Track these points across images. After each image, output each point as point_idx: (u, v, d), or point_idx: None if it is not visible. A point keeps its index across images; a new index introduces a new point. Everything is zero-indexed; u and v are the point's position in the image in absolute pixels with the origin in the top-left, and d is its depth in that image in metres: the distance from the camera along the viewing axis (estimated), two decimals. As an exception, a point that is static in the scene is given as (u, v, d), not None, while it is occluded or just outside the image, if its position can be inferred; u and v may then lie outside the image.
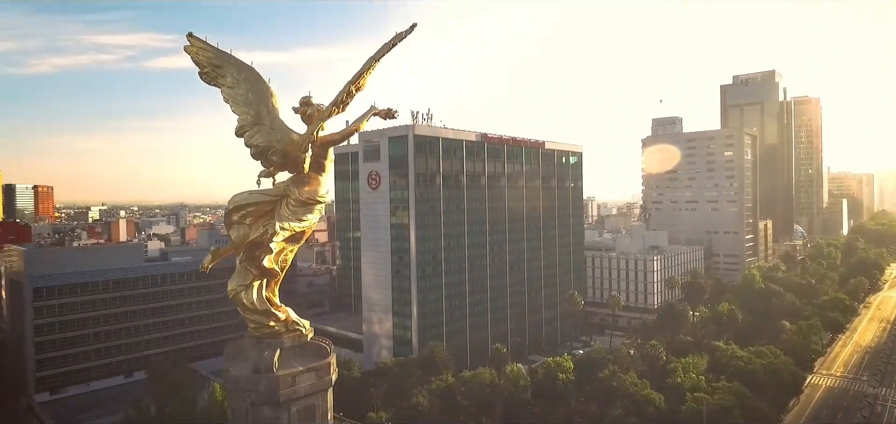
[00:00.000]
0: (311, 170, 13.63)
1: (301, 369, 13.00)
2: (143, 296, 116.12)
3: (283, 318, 13.38)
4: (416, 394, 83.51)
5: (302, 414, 13.10)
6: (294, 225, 13.22)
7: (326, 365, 13.43)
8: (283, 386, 12.59)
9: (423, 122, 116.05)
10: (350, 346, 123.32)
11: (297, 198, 13.39)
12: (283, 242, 13.51)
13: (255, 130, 13.18)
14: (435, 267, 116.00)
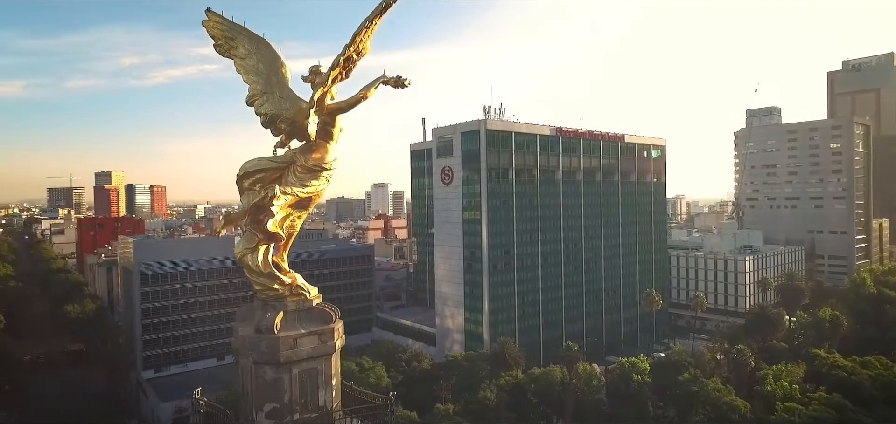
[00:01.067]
0: (318, 138, 13.89)
1: (303, 332, 13.26)
2: (235, 285, 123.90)
3: (289, 282, 13.74)
4: (484, 389, 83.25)
5: (303, 377, 13.38)
6: (297, 191, 13.53)
7: (330, 330, 13.61)
8: (283, 348, 12.91)
9: (496, 117, 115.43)
10: (424, 339, 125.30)
11: (303, 165, 13.70)
12: (289, 208, 13.85)
13: (264, 99, 13.63)
14: (507, 262, 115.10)
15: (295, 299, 13.89)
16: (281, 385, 13.33)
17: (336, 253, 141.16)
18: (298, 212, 14.38)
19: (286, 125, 13.68)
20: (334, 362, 14.20)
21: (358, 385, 66.61)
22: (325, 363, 13.91)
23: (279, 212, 13.67)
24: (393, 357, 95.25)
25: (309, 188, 13.93)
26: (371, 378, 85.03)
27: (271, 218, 13.25)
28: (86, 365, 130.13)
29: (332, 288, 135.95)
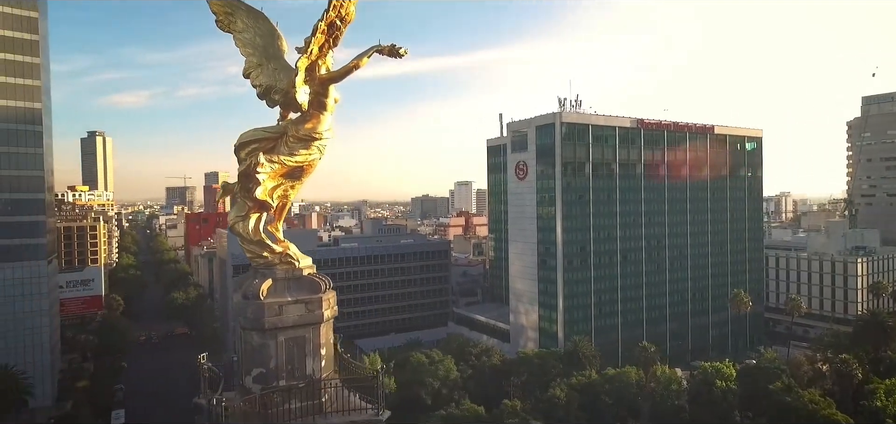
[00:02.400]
0: (312, 109, 14.14)
1: (290, 300, 13.54)
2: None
3: (279, 251, 14.07)
4: (555, 387, 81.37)
5: (290, 344, 13.65)
6: (285, 159, 13.83)
7: (318, 300, 13.79)
8: (268, 314, 13.24)
9: (572, 110, 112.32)
10: (498, 336, 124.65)
11: (294, 135, 14.00)
12: (280, 177, 14.19)
13: (259, 71, 14.05)
14: (583, 259, 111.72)
15: (284, 267, 14.21)
16: (267, 351, 13.70)
17: (413, 248, 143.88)
18: (291, 182, 14.68)
19: (279, 96, 14.01)
20: (324, 331, 14.37)
21: (426, 376, 67.07)
22: (314, 332, 14.11)
23: (269, 181, 14.02)
24: (463, 352, 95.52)
25: (297, 157, 14.18)
26: (440, 371, 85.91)
27: (259, 186, 13.62)
28: (189, 347, 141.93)
29: (408, 282, 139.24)
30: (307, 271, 14.60)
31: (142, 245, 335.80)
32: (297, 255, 14.70)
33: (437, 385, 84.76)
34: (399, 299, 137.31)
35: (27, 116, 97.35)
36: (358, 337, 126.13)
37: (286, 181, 14.56)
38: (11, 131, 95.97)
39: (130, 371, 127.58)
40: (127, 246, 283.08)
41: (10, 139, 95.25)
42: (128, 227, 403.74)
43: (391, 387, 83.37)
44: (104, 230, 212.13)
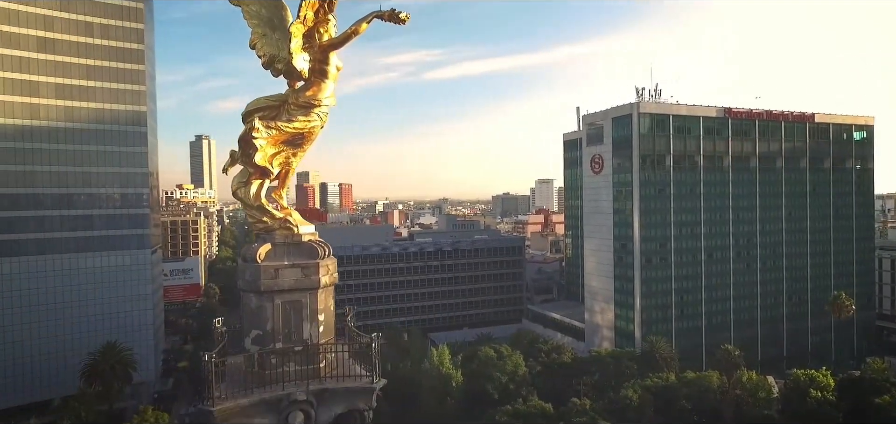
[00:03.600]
0: (313, 76, 14.41)
1: (287, 264, 13.84)
2: (388, 271, 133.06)
3: (280, 216, 14.43)
4: (628, 388, 78.06)
5: (287, 308, 13.95)
6: (282, 125, 14.14)
7: (315, 265, 14.01)
8: (264, 277, 13.61)
9: (651, 99, 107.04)
10: (573, 334, 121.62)
11: (294, 102, 14.31)
12: (281, 144, 14.51)
13: (263, 41, 14.46)
14: (663, 256, 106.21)
15: (283, 232, 14.53)
16: (264, 313, 14.08)
17: (486, 244, 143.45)
18: (292, 149, 14.98)
19: (282, 65, 14.34)
20: (321, 297, 14.56)
21: (494, 371, 66.62)
22: (311, 297, 14.33)
23: (269, 147, 14.38)
24: (533, 348, 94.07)
25: (296, 123, 14.43)
26: (508, 366, 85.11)
27: (257, 152, 14.01)
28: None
29: (481, 278, 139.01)
30: (307, 238, 14.84)
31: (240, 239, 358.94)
32: (299, 222, 14.98)
33: (505, 380, 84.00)
34: (472, 294, 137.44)
35: (133, 119, 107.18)
36: (431, 330, 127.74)
37: (287, 148, 14.86)
38: (120, 132, 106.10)
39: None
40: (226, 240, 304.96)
41: (119, 139, 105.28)
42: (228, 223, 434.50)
43: (458, 379, 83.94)
44: (204, 224, 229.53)
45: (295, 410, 13.45)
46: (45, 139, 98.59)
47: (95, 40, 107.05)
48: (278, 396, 13.55)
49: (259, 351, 14.15)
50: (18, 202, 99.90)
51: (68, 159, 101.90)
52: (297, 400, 13.54)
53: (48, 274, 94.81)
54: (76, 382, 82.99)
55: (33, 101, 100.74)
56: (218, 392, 13.25)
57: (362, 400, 14.25)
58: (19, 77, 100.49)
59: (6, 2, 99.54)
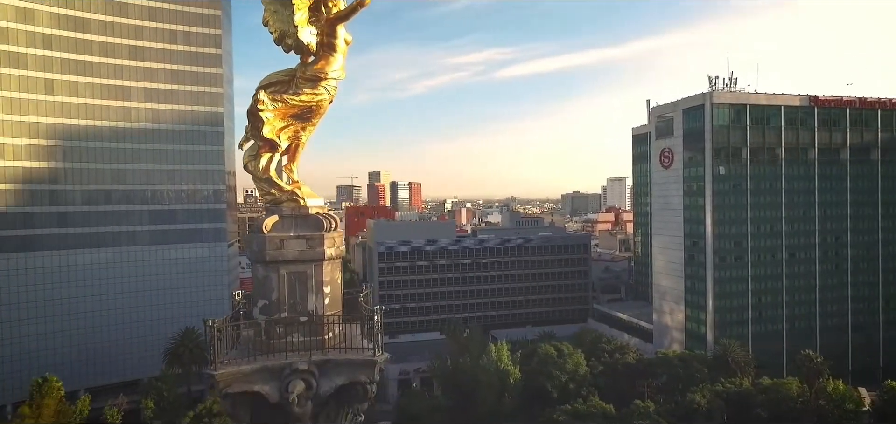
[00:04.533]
0: (322, 50, 14.60)
1: (292, 235, 14.09)
2: (456, 266, 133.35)
3: (287, 189, 14.71)
4: (696, 392, 74.12)
5: (292, 278, 14.17)
6: (288, 98, 14.38)
7: (319, 237, 14.16)
8: (270, 247, 13.90)
9: (725, 89, 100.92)
10: (640, 335, 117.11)
11: (302, 75, 14.54)
12: (289, 118, 14.75)
13: (275, 18, 14.78)
14: (738, 256, 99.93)
15: (290, 205, 14.77)
16: (270, 283, 14.36)
17: (550, 241, 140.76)
18: (301, 123, 15.19)
19: (292, 40, 14.59)
20: (327, 269, 14.68)
21: (554, 369, 65.64)
22: (316, 268, 14.48)
23: (277, 121, 14.68)
24: (596, 348, 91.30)
25: (302, 96, 14.62)
26: (568, 364, 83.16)
27: (263, 125, 14.34)
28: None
29: (545, 276, 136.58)
30: (314, 210, 15.00)
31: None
32: (307, 195, 15.18)
33: (565, 378, 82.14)
34: (535, 292, 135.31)
35: (212, 119, 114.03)
36: (494, 327, 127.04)
37: (296, 122, 15.09)
38: (199, 132, 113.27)
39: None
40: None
41: (199, 139, 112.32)
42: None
43: (516, 376, 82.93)
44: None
45: (296, 379, 13.62)
46: (135, 139, 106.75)
47: (178, 47, 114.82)
48: (281, 364, 13.78)
49: (266, 320, 14.46)
50: (111, 197, 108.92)
51: (154, 158, 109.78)
52: (299, 370, 13.70)
53: (136, 263, 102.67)
54: (160, 365, 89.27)
55: (125, 105, 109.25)
56: (223, 357, 13.70)
57: (364, 373, 14.23)
58: (114, 82, 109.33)
59: (105, 15, 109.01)
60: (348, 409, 15.09)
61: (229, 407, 13.88)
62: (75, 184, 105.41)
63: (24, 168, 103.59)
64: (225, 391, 13.40)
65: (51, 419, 73.34)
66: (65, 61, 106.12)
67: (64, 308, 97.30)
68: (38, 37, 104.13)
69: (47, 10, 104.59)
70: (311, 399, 13.82)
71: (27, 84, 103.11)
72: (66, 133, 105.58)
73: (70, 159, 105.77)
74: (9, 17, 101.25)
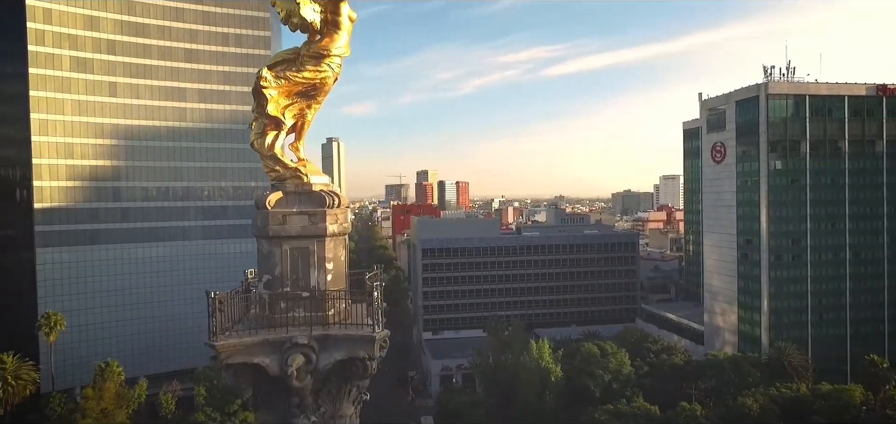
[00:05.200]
0: (326, 27, 14.73)
1: (294, 211, 14.30)
2: (493, 264, 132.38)
3: (292, 166, 14.93)
4: (747, 396, 70.82)
5: (295, 254, 14.35)
6: (291, 75, 14.54)
7: (322, 213, 14.29)
8: (273, 223, 14.13)
9: (781, 79, 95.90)
10: (691, 336, 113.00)
11: (306, 52, 14.69)
12: (294, 96, 14.93)
13: (284, 2, 15.12)
14: (797, 254, 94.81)
15: (294, 181, 14.95)
16: (273, 259, 14.59)
17: (596, 239, 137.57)
18: (306, 101, 15.33)
19: (297, 19, 14.79)
20: (330, 246, 14.78)
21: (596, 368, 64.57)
22: (318, 244, 14.60)
23: (281, 98, 14.89)
24: (641, 347, 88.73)
25: (305, 73, 14.75)
26: (611, 363, 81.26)
27: (267, 102, 14.58)
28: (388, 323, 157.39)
29: (590, 274, 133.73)
30: (318, 187, 15.12)
31: (362, 234, 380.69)
32: (312, 172, 15.34)
33: (608, 378, 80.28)
34: (580, 291, 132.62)
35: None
36: (538, 326, 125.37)
37: (300, 100, 15.26)
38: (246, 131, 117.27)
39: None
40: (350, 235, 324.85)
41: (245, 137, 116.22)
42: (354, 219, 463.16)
43: (557, 374, 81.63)
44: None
45: (296, 352, 13.77)
46: (190, 138, 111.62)
47: (230, 49, 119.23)
48: (281, 338, 13.96)
49: (269, 294, 14.69)
50: (168, 194, 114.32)
51: (207, 156, 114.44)
52: (299, 344, 13.84)
53: (190, 257, 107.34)
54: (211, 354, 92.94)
55: (181, 105, 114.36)
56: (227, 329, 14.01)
57: (363, 349, 14.23)
58: (171, 85, 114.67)
59: (163, 20, 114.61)
60: (351, 386, 15.14)
61: (231, 378, 14.19)
62: (135, 181, 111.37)
63: (91, 166, 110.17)
64: (226, 361, 13.71)
65: (111, 401, 77.73)
66: (126, 65, 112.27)
67: (125, 298, 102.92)
68: (103, 43, 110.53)
69: (112, 18, 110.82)
70: (310, 373, 13.95)
71: (93, 87, 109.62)
72: (127, 133, 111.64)
73: (131, 158, 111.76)
74: (78, 25, 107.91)
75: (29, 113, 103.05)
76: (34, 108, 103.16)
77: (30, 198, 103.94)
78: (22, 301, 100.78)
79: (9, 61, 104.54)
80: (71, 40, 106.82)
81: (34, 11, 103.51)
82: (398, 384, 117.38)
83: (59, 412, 77.03)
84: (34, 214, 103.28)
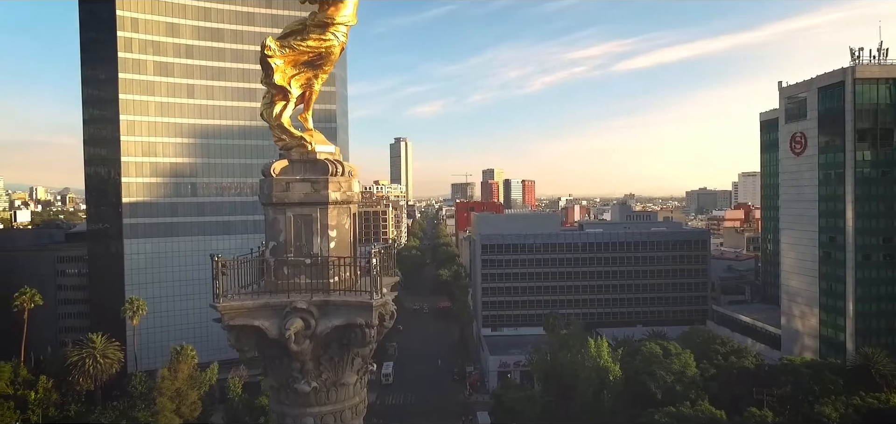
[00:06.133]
0: None
1: (297, 178, 14.59)
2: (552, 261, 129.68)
3: (297, 135, 15.22)
4: (827, 405, 65.57)
5: (299, 221, 14.60)
6: (296, 44, 14.75)
7: (324, 180, 14.46)
8: (276, 190, 14.43)
9: (871, 62, 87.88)
10: (767, 340, 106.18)
11: (312, 21, 14.88)
12: (300, 65, 15.18)
13: None
14: (888, 253, 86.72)
15: (299, 150, 15.22)
16: (278, 225, 14.90)
17: (663, 236, 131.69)
18: (312, 70, 15.54)
19: None
20: (333, 213, 14.94)
21: (658, 369, 62.46)
22: (321, 212, 14.78)
23: (287, 67, 15.18)
24: (708, 349, 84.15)
25: (310, 41, 14.94)
26: (675, 365, 77.57)
27: (273, 72, 14.91)
28: (450, 318, 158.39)
29: (656, 273, 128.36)
30: (323, 156, 15.32)
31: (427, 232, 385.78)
32: (319, 141, 15.57)
33: (671, 379, 76.69)
34: (645, 290, 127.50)
35: (323, 116, 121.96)
36: (600, 325, 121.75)
37: (307, 69, 15.49)
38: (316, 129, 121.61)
39: (403, 334, 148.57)
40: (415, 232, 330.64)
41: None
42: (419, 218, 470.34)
43: (615, 373, 78.97)
44: (392, 215, 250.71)
45: (295, 317, 13.99)
46: (259, 137, 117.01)
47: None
48: (282, 302, 14.23)
49: (275, 261, 15.02)
50: (244, 189, 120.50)
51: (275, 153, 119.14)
52: (298, 308, 14.07)
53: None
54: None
55: (252, 106, 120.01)
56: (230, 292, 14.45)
57: (361, 316, 14.26)
58: (243, 85, 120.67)
59: (236, 24, 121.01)
60: (353, 354, 15.20)
61: (234, 339, 14.61)
62: (210, 177, 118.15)
63: (171, 163, 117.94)
64: (229, 323, 14.16)
65: (185, 382, 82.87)
66: (203, 68, 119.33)
67: (200, 288, 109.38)
68: (183, 48, 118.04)
69: (190, 24, 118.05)
70: (309, 337, 14.14)
71: (174, 89, 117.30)
72: (203, 132, 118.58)
73: (206, 155, 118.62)
74: (161, 32, 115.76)
75: (119, 114, 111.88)
76: (123, 110, 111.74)
77: (119, 194, 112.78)
78: (112, 287, 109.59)
79: (103, 68, 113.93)
80: (154, 46, 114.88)
81: (123, 21, 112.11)
82: (457, 379, 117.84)
83: (139, 389, 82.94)
84: (122, 208, 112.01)
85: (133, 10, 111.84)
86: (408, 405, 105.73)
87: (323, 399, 15.12)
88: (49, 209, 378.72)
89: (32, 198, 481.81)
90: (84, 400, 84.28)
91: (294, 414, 15.07)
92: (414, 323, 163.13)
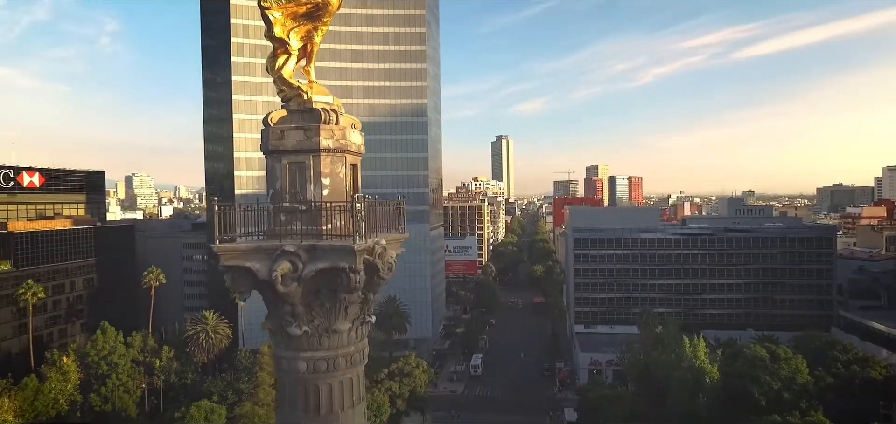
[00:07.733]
0: None
1: (292, 126, 14.96)
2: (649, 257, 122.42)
3: (295, 86, 15.60)
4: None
5: (293, 169, 14.91)
6: None
7: (316, 128, 14.64)
8: (272, 137, 14.83)
9: None
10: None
11: None
12: (300, 18, 15.49)
13: None
14: None
15: (297, 100, 15.54)
16: (275, 173, 15.30)
17: (776, 232, 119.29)
18: (311, 22, 15.72)
19: None
20: (325, 161, 15.08)
21: (763, 374, 58.25)
22: (314, 159, 14.99)
23: (286, 20, 15.51)
24: (824, 355, 75.18)
25: None
26: (783, 370, 70.20)
27: (272, 25, 15.33)
28: (543, 314, 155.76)
29: (769, 272, 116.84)
30: (319, 105, 15.52)
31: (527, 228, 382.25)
32: (317, 92, 15.79)
33: (778, 386, 69.40)
34: (756, 290, 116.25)
35: (416, 111, 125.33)
36: (703, 326, 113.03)
37: (306, 22, 15.73)
38: (407, 123, 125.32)
39: (495, 327, 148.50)
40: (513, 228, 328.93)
41: (405, 129, 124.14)
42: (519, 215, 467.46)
43: (713, 375, 73.11)
44: (488, 211, 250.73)
45: (283, 259, 14.29)
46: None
47: (390, 47, 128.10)
48: (274, 246, 14.60)
49: (273, 207, 15.45)
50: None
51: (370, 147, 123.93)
52: (287, 251, 14.35)
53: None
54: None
55: (347, 102, 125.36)
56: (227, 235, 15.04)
57: (344, 260, 14.26)
58: (339, 84, 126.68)
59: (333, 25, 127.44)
60: (344, 302, 15.20)
61: (229, 280, 15.19)
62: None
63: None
64: (224, 264, 14.77)
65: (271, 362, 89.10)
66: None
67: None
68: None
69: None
70: (296, 280, 14.36)
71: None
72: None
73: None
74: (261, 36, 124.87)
75: (232, 114, 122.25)
76: (235, 110, 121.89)
77: (232, 187, 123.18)
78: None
79: (220, 71, 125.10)
80: (262, 49, 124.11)
81: (236, 28, 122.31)
82: (546, 374, 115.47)
83: (244, 363, 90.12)
84: (235, 199, 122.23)
85: (245, 17, 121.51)
86: (494, 398, 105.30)
87: (315, 345, 15.32)
88: (188, 205, 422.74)
89: (176, 196, 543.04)
90: (199, 371, 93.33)
91: (288, 357, 15.42)
92: (507, 318, 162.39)
